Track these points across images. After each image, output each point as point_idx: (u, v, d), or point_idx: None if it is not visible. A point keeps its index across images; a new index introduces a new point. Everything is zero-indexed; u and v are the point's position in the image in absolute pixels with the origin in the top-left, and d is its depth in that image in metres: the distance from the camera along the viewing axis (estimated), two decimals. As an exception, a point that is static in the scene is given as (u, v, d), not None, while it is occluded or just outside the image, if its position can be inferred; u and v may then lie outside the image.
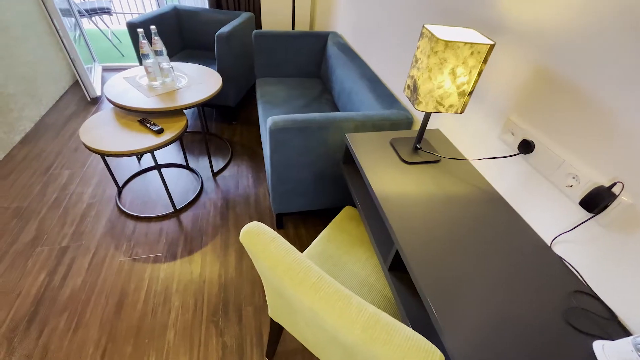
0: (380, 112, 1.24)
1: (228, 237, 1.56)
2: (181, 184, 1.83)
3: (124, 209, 1.64)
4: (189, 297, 1.30)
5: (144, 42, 1.50)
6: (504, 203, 0.84)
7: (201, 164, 1.98)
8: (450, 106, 0.80)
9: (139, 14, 4.76)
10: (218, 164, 1.99)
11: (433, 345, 0.45)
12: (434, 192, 0.85)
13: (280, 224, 1.60)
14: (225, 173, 1.94)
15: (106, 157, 1.90)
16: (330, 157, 1.29)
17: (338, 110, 1.85)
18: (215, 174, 1.92)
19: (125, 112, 1.56)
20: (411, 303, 0.76)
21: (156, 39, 1.54)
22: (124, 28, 4.25)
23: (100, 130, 1.42)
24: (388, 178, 0.88)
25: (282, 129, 1.15)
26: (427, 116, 0.90)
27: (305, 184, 1.37)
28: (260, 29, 2.78)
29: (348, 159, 1.14)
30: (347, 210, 1.14)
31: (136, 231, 1.55)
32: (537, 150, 0.76)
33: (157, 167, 1.47)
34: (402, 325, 0.47)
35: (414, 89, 0.82)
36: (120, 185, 1.78)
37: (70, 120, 2.29)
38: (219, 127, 2.35)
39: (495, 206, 0.83)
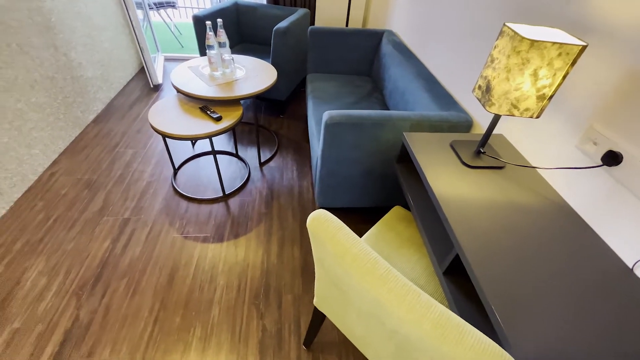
0: (438, 113, 1.21)
1: (271, 225, 1.61)
2: (230, 171, 1.91)
3: (179, 190, 1.75)
4: (234, 278, 1.37)
5: (210, 33, 1.58)
6: (576, 217, 0.78)
7: (249, 154, 2.06)
8: (526, 110, 0.76)
9: (198, 8, 5.03)
10: (265, 155, 2.06)
11: (506, 353, 0.44)
12: (498, 199, 0.81)
13: (322, 217, 1.62)
14: (271, 164, 2.00)
15: (166, 140, 2.04)
16: (381, 155, 1.28)
17: (388, 109, 1.83)
18: (262, 164, 1.98)
19: (188, 99, 1.66)
20: (464, 308, 0.73)
21: (221, 31, 1.62)
22: (184, 21, 4.53)
23: (166, 115, 1.53)
24: (448, 180, 0.86)
25: (337, 123, 1.16)
26: (496, 119, 0.86)
27: (353, 180, 1.38)
28: (314, 24, 2.81)
29: (403, 158, 1.12)
30: (396, 210, 1.13)
31: (188, 211, 1.65)
32: (625, 163, 0.70)
33: (213, 152, 1.56)
34: (474, 328, 0.46)
35: (486, 90, 0.79)
36: (176, 167, 1.91)
37: (135, 105, 2.49)
38: (267, 120, 2.42)
39: (567, 220, 0.77)
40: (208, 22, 1.55)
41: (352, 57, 2.18)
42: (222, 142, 2.14)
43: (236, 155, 2.03)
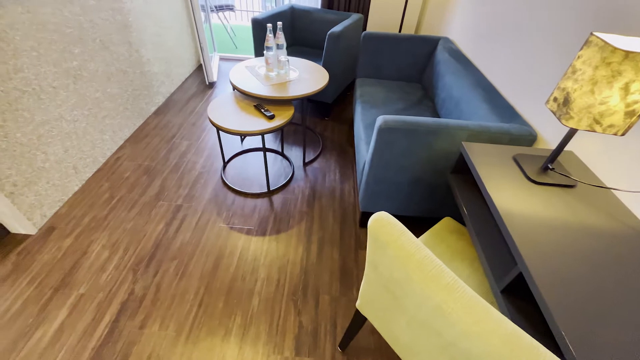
0: (499, 125, 1.15)
1: (312, 225, 1.63)
2: (275, 168, 1.97)
3: (227, 182, 1.84)
4: (274, 272, 1.40)
5: (270, 35, 1.65)
6: (662, 248, 0.70)
7: (294, 153, 2.11)
8: (610, 126, 0.70)
9: (253, 11, 5.26)
10: (309, 155, 2.10)
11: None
12: (568, 220, 0.75)
13: (364, 222, 1.62)
14: (315, 164, 2.03)
15: (220, 134, 2.15)
16: (433, 164, 1.25)
17: (439, 117, 1.78)
18: (305, 164, 2.02)
19: (244, 97, 1.75)
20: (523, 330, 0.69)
21: (280, 34, 1.69)
22: (240, 23, 4.77)
23: (223, 110, 1.62)
24: (512, 195, 0.82)
25: (391, 128, 1.15)
26: (571, 134, 0.80)
27: (400, 187, 1.36)
28: (365, 29, 2.82)
29: (458, 169, 1.09)
30: (446, 222, 1.09)
31: (235, 203, 1.72)
32: None
33: (264, 149, 1.62)
34: (547, 351, 0.43)
35: (563, 103, 0.74)
36: (226, 160, 2.00)
37: (191, 100, 2.66)
38: (313, 121, 2.46)
39: (650, 250, 0.70)
40: (269, 25, 1.62)
41: (404, 63, 2.16)
42: (269, 140, 2.22)
43: (281, 154, 2.08)
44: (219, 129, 1.51)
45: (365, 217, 1.60)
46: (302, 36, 2.67)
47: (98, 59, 1.82)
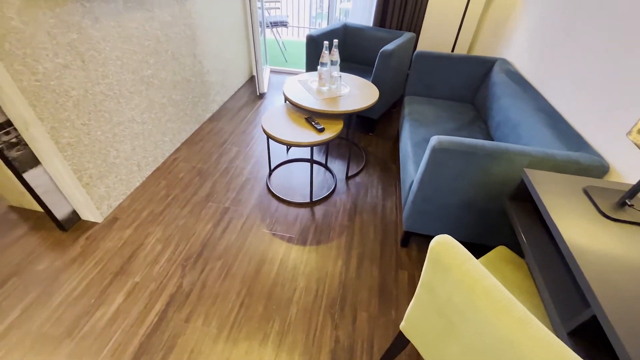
0: (565, 153, 1.09)
1: (352, 239, 1.63)
2: (318, 180, 2.01)
3: (272, 189, 1.91)
4: (312, 283, 1.42)
5: (325, 52, 1.72)
6: None
7: (337, 166, 2.14)
8: None
9: (306, 27, 5.49)
10: (352, 169, 2.11)
11: None
12: (651, 262, 0.69)
13: (405, 241, 1.58)
14: (357, 179, 2.04)
15: (269, 143, 2.25)
16: (487, 188, 1.20)
17: (492, 140, 1.71)
18: (348, 178, 2.04)
19: (295, 109, 1.82)
20: (593, 383, 0.63)
21: (335, 51, 1.75)
22: (290, 38, 5.00)
23: (275, 121, 1.69)
24: (582, 229, 0.76)
25: (445, 149, 1.14)
26: (657, 169, 0.74)
27: (449, 209, 1.32)
28: (416, 48, 2.83)
29: (517, 196, 1.04)
30: (501, 251, 1.04)
31: (278, 210, 1.78)
32: None
33: (311, 161, 1.66)
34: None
35: (651, 135, 0.69)
36: (271, 168, 2.08)
37: (242, 108, 2.81)
38: (357, 135, 2.49)
39: None
40: (325, 42, 1.69)
41: (456, 83, 2.12)
42: (314, 152, 2.27)
43: (325, 166, 2.12)
44: (271, 138, 1.58)
45: (407, 236, 1.56)
46: (353, 52, 2.73)
47: (168, 69, 2.01)
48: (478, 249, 1.59)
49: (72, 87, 1.39)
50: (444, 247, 0.58)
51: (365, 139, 2.45)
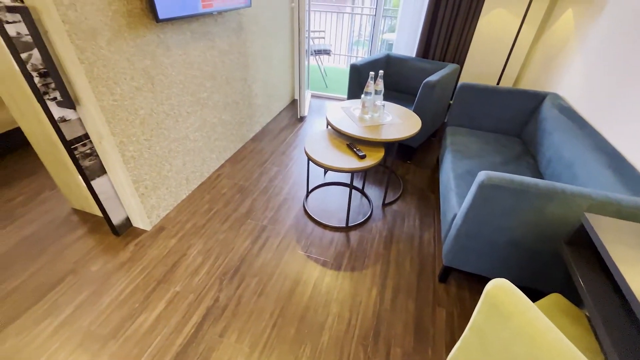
0: (632, 198, 1.01)
1: (388, 269, 1.60)
2: (354, 205, 2.01)
3: (308, 211, 1.94)
4: (345, 310, 1.39)
5: (370, 82, 1.77)
6: None
7: (374, 192, 2.14)
8: None
9: (345, 55, 5.70)
10: (389, 197, 2.10)
11: None
12: None
13: (444, 277, 1.52)
14: (394, 207, 2.01)
15: (309, 166, 2.31)
16: (540, 229, 1.14)
17: (542, 178, 1.63)
18: (385, 205, 2.02)
19: (337, 135, 1.87)
20: None
21: (379, 81, 1.80)
22: (330, 65, 5.21)
23: (318, 145, 1.75)
24: (656, 285, 0.70)
25: (495, 186, 1.10)
26: None
27: (495, 247, 1.26)
28: (459, 78, 2.82)
29: (576, 241, 0.97)
30: (555, 299, 0.97)
31: (313, 233, 1.79)
32: None
33: (351, 187, 1.68)
34: None
35: None
36: (309, 190, 2.13)
37: (283, 130, 2.94)
38: (395, 163, 2.48)
39: None
40: (371, 73, 1.75)
41: (501, 116, 2.07)
42: (349, 175, 2.29)
43: (362, 192, 2.13)
44: (312, 161, 1.63)
45: (447, 271, 1.50)
46: (394, 81, 2.78)
47: (221, 92, 2.17)
48: (526, 294, 1.48)
49: (141, 106, 1.55)
50: (503, 292, 0.56)
51: (403, 166, 2.44)
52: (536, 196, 1.07)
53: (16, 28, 1.11)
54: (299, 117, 3.19)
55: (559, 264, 1.19)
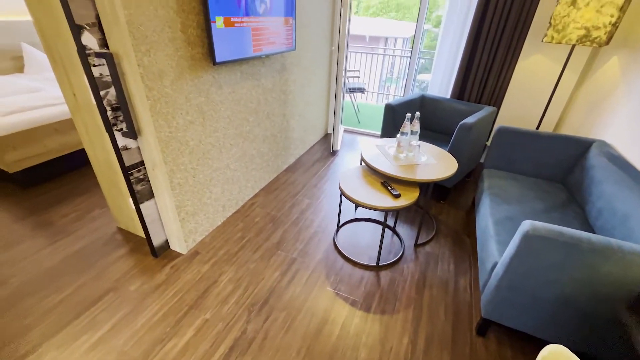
0: (702, 262, 0.92)
1: (420, 315, 1.52)
2: (385, 243, 1.98)
3: (338, 246, 1.93)
4: (375, 356, 1.33)
5: (407, 122, 1.81)
6: None
7: (405, 231, 2.09)
8: None
9: (378, 92, 5.89)
10: (421, 237, 2.04)
11: None
12: None
13: (482, 330, 1.42)
14: (427, 248, 1.95)
15: (342, 200, 2.34)
16: (595, 289, 1.05)
17: (592, 229, 1.53)
18: (417, 245, 1.97)
19: (371, 172, 1.89)
20: None
21: (416, 122, 1.83)
22: (362, 101, 5.38)
23: (352, 182, 1.78)
24: None
25: (541, 237, 1.05)
26: None
27: (541, 303, 1.17)
28: (495, 121, 2.80)
29: (639, 306, 0.89)
30: (616, 370, 0.87)
31: (343, 269, 1.77)
32: None
33: (384, 225, 1.67)
34: None
35: None
36: (339, 225, 2.13)
37: (316, 163, 3.02)
38: (428, 202, 2.44)
39: None
40: (408, 114, 1.79)
41: (543, 161, 2.00)
42: (383, 213, 2.28)
43: (394, 230, 2.09)
44: (346, 198, 1.65)
45: (486, 324, 1.40)
46: (429, 121, 2.81)
47: (261, 126, 2.31)
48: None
49: (191, 138, 1.68)
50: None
51: (436, 206, 2.39)
52: (589, 252, 1.00)
53: (100, 70, 1.28)
54: (331, 150, 3.27)
55: (617, 330, 1.08)
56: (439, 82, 2.95)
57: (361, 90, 4.21)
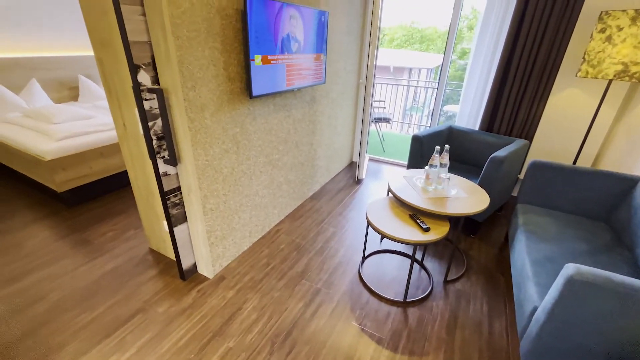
0: None
1: (452, 359, 1.42)
2: (412, 277, 1.91)
3: (364, 279, 1.89)
4: (403, 403, 1.25)
5: (436, 155, 1.81)
6: None
7: (433, 266, 2.02)
8: None
9: (403, 122, 5.94)
10: (451, 273, 1.96)
11: None
12: None
13: (522, 382, 1.30)
14: (458, 285, 1.86)
15: (368, 231, 2.31)
16: (651, 344, 0.95)
17: (644, 276, 1.40)
18: (446, 282, 1.88)
19: (399, 204, 1.88)
20: None
21: (445, 155, 1.82)
22: (389, 130, 5.44)
23: (380, 213, 1.77)
24: None
25: (588, 283, 0.99)
26: None
27: (589, 354, 1.07)
28: (527, 154, 2.72)
29: None
30: None
31: (369, 303, 1.72)
32: None
33: (413, 259, 1.62)
34: None
35: None
36: (365, 255, 2.09)
37: (341, 191, 3.03)
38: (457, 236, 2.35)
39: None
40: (437, 147, 1.79)
41: (581, 197, 1.90)
42: (410, 247, 2.22)
43: (421, 264, 2.03)
44: (374, 229, 1.63)
45: (526, 376, 1.29)
46: (456, 153, 2.78)
47: (290, 154, 2.38)
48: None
49: (225, 166, 1.76)
50: None
51: (466, 240, 2.30)
52: (644, 303, 0.92)
53: (150, 103, 1.41)
54: (356, 179, 3.29)
55: (683, 394, 0.96)
56: (467, 114, 2.94)
57: (387, 120, 4.27)
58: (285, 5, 1.75)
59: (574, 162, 2.33)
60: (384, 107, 4.67)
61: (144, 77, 1.36)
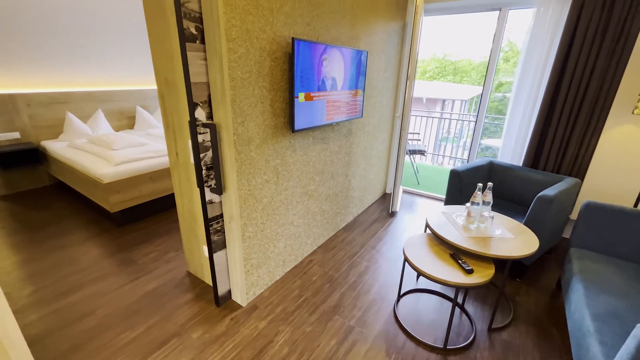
0: None
1: (501, 422, 1.28)
2: (452, 322, 1.79)
3: (399, 319, 1.80)
4: None
5: (478, 193, 1.74)
6: None
7: (476, 311, 1.88)
8: None
9: (435, 153, 5.84)
10: (496, 321, 1.81)
11: None
12: None
13: None
14: (504, 335, 1.71)
15: (404, 267, 2.24)
16: None
17: None
18: (491, 330, 1.73)
19: (438, 242, 1.81)
20: None
21: (488, 192, 1.76)
22: (423, 162, 5.36)
23: (418, 250, 1.71)
24: None
25: (668, 349, 0.87)
26: None
27: None
28: (578, 193, 2.53)
29: None
30: None
31: (405, 348, 1.62)
32: None
33: (454, 303, 1.53)
34: None
35: None
36: (400, 294, 2.00)
37: (374, 223, 2.98)
38: (502, 280, 2.19)
39: None
40: (480, 184, 1.73)
41: (648, 245, 1.71)
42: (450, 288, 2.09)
43: (462, 308, 1.90)
44: (413, 268, 1.57)
45: None
46: (497, 189, 2.66)
47: (325, 185, 2.42)
48: None
49: (265, 195, 1.83)
50: None
51: (511, 284, 2.13)
52: None
53: (203, 137, 1.52)
54: (390, 211, 3.23)
55: None
56: (511, 149, 2.83)
57: (422, 152, 4.23)
58: (328, 48, 1.87)
59: (635, 205, 2.13)
60: (419, 140, 4.64)
61: (200, 113, 1.49)
